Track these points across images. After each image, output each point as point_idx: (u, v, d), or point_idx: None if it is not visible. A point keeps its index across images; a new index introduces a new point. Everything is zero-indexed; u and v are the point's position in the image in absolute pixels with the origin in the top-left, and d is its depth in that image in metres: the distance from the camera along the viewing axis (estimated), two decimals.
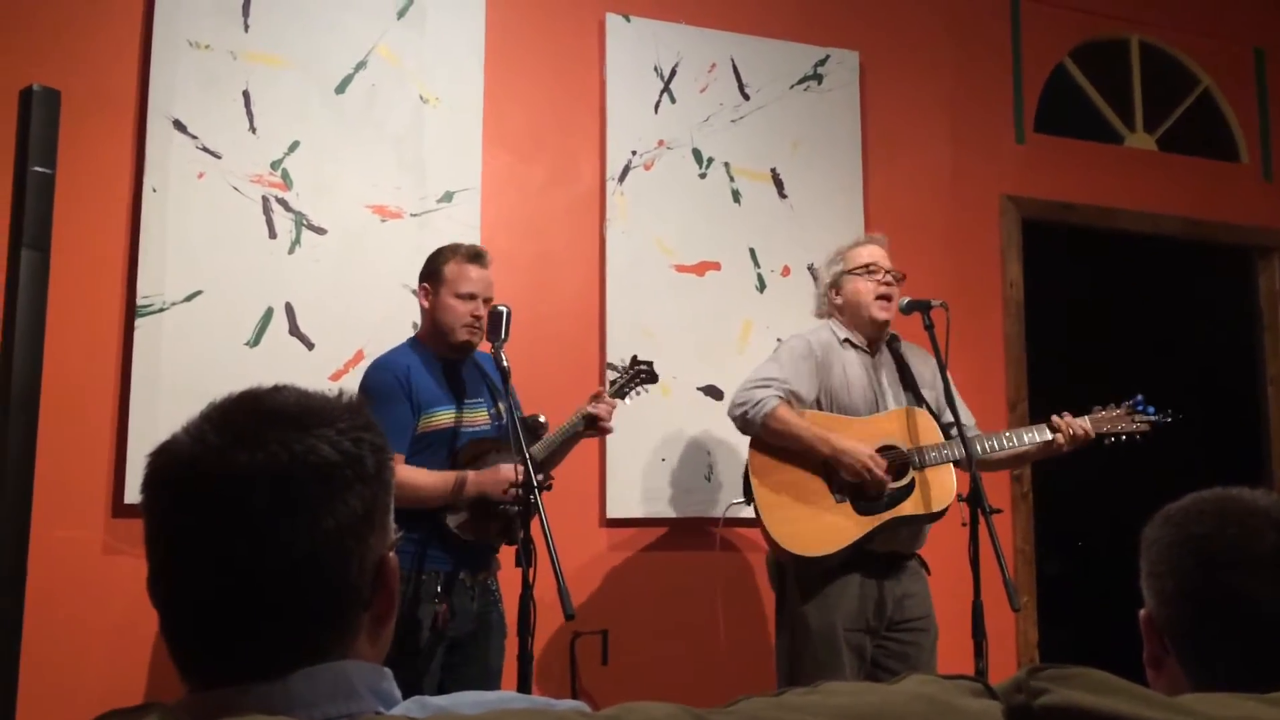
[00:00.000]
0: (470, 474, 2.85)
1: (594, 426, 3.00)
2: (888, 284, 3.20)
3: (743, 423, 3.11)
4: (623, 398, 3.11)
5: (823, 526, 3.03)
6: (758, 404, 3.06)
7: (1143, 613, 1.22)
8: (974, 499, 2.85)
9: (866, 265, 3.22)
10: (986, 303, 4.37)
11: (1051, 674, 0.91)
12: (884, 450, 3.06)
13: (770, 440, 3.08)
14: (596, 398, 3.02)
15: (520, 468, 2.63)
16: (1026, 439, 3.15)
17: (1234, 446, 4.85)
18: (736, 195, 4.02)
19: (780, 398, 3.07)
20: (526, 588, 2.59)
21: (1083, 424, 3.12)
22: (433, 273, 2.99)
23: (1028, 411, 4.32)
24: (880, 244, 3.30)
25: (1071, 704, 0.87)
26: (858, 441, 3.03)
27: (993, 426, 3.60)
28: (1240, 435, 4.91)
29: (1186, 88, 4.99)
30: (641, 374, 3.14)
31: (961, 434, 2.97)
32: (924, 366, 3.26)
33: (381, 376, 2.91)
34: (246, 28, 3.46)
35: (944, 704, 0.89)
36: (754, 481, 3.11)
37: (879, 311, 3.19)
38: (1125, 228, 4.71)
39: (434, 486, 2.82)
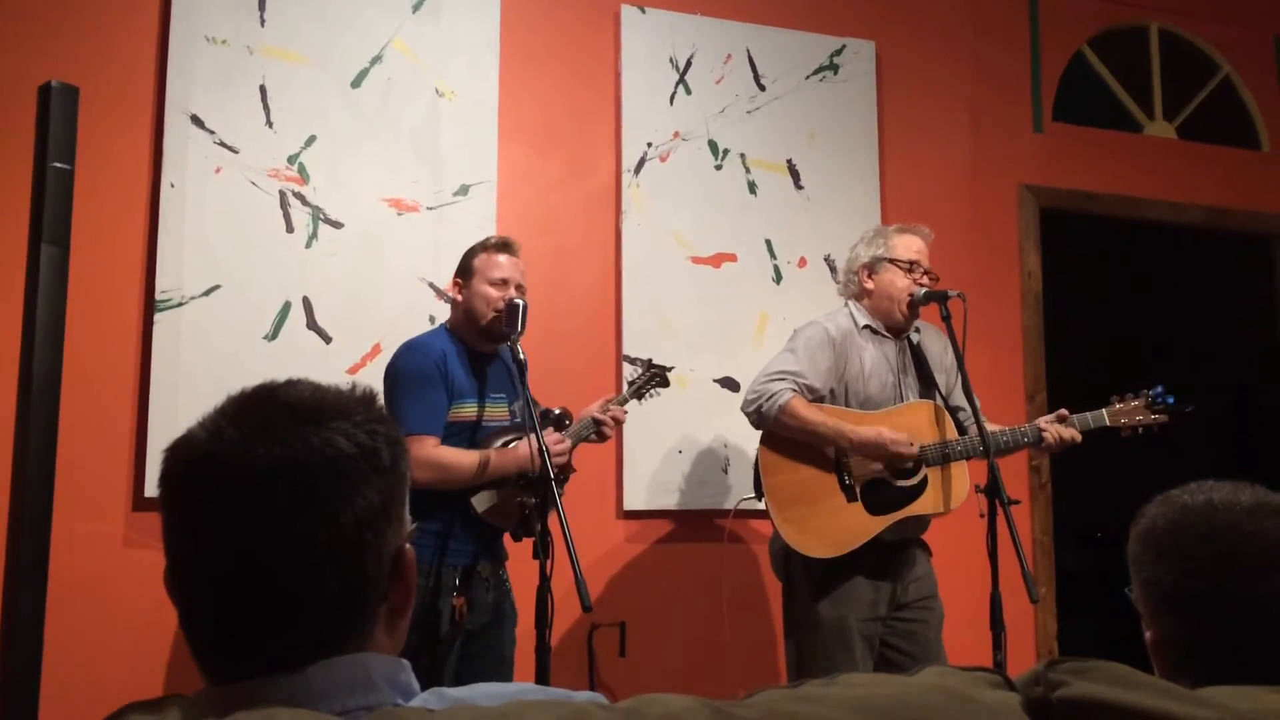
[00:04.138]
0: (511, 450, 2.88)
1: (597, 432, 3.02)
2: (924, 285, 3.14)
3: (757, 416, 3.05)
4: (640, 399, 3.14)
5: (834, 527, 3.00)
6: (772, 397, 3.01)
7: (1136, 594, 1.22)
8: (992, 490, 2.83)
9: (910, 261, 3.16)
10: (1005, 293, 4.35)
11: (1070, 666, 0.91)
12: None
13: (785, 434, 3.04)
14: (606, 406, 3.04)
15: (543, 453, 2.64)
16: (1018, 437, 3.08)
17: (1256, 436, 4.82)
18: (752, 187, 4.01)
19: (795, 390, 3.02)
20: (544, 580, 2.59)
21: (1071, 431, 3.04)
22: (464, 268, 3.02)
23: (1046, 403, 4.30)
24: (926, 239, 3.23)
25: (1090, 697, 0.87)
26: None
27: (1010, 418, 3.58)
28: (1262, 424, 4.87)
29: (1206, 75, 4.95)
30: (655, 377, 3.16)
31: (979, 424, 2.95)
32: (938, 347, 3.23)
33: (418, 359, 2.91)
34: (263, 23, 3.47)
35: (962, 695, 0.89)
36: (764, 479, 3.07)
37: (910, 311, 3.14)
38: (1145, 216, 4.68)
39: (474, 466, 2.83)
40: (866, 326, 3.16)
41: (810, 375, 3.06)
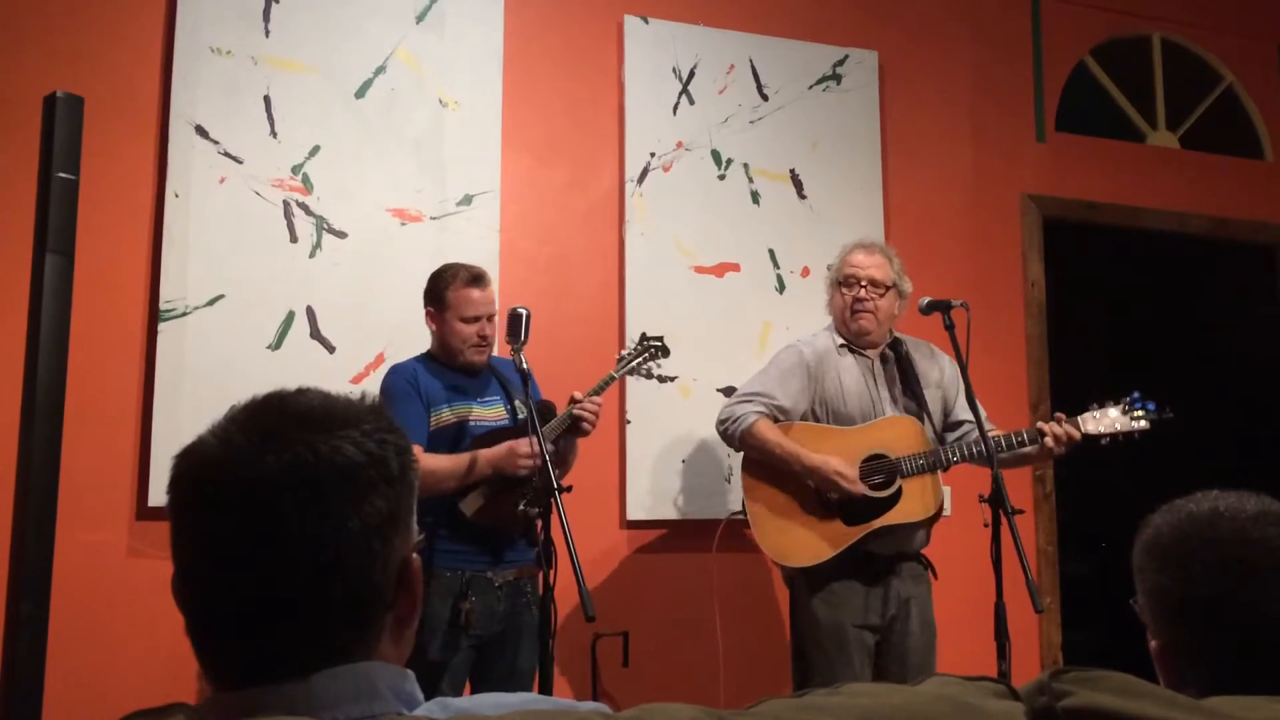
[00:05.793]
0: (482, 452, 2.91)
1: (576, 427, 3.00)
2: (858, 298, 3.16)
3: (725, 438, 3.19)
4: (633, 373, 3.13)
5: (810, 537, 3.06)
6: (737, 420, 3.11)
7: (1140, 605, 1.21)
8: (996, 500, 2.83)
9: (845, 277, 3.21)
10: (1008, 303, 4.35)
11: (1075, 676, 0.90)
12: (873, 459, 3.06)
13: (750, 455, 3.15)
14: (574, 400, 2.99)
15: (536, 445, 2.66)
16: (1015, 441, 3.07)
17: (1260, 444, 4.81)
18: (755, 196, 4.01)
19: (761, 413, 3.10)
20: (547, 589, 2.60)
21: (1070, 430, 3.04)
22: (436, 298, 3.03)
23: (1049, 412, 4.29)
24: (870, 250, 3.24)
25: (1095, 706, 0.87)
26: (832, 454, 3.03)
27: (1015, 427, 3.57)
28: (1267, 433, 4.86)
29: (1209, 85, 4.95)
30: (648, 350, 3.11)
31: (982, 433, 2.95)
32: (929, 364, 3.24)
33: (393, 379, 3.02)
34: (267, 33, 3.48)
35: (967, 705, 0.89)
36: (745, 498, 3.16)
37: (853, 324, 3.18)
38: (1148, 226, 4.68)
39: (448, 468, 2.88)
40: (844, 345, 3.21)
41: (781, 396, 3.14)
